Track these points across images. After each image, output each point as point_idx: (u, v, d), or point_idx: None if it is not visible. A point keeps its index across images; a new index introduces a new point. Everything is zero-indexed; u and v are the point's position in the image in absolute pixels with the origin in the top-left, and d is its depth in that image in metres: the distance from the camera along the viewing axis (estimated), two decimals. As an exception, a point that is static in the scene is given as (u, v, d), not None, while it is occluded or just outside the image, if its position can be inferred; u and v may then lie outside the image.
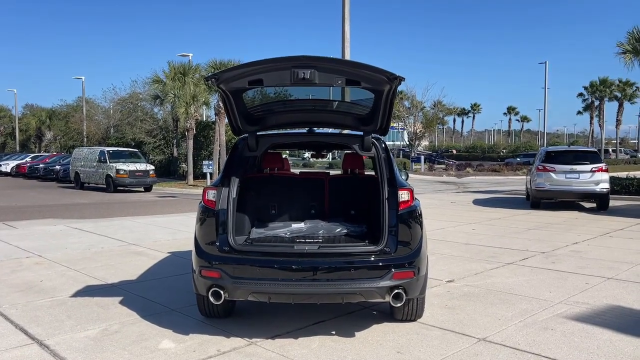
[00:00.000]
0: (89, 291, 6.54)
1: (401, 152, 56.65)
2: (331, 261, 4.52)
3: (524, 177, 35.00)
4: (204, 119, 36.18)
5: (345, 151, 6.70)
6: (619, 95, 64.91)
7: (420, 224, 4.85)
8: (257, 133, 5.14)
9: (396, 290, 4.50)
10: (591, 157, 15.84)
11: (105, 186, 25.62)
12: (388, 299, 4.53)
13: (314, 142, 6.05)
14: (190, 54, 31.55)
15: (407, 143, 46.10)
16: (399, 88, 4.91)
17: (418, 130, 45.46)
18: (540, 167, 15.88)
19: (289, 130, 5.62)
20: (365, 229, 5.35)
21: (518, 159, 52.65)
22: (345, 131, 5.96)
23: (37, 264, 8.22)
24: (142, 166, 26.07)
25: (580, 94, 67.12)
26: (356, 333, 4.96)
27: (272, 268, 4.51)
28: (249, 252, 4.63)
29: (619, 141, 73.17)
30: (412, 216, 4.76)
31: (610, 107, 65.78)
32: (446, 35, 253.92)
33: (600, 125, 67.07)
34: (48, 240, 10.40)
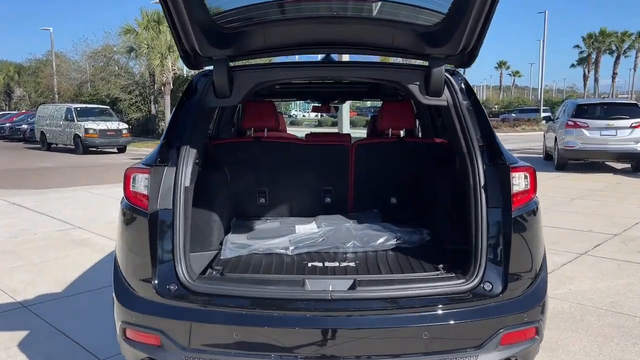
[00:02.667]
0: (-18, 319, 4.26)
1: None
2: (382, 318, 2.26)
3: (524, 133, 32.95)
4: (184, 74, 33.32)
5: (382, 99, 4.39)
6: (614, 47, 63.32)
7: (541, 234, 2.62)
8: (231, 63, 2.78)
9: None
10: (630, 111, 13.49)
11: (73, 147, 23.12)
12: None
13: (333, 80, 3.67)
14: (166, 0, 28.31)
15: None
16: None
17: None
18: (570, 123, 13.62)
19: (288, 59, 3.26)
20: (427, 235, 3.08)
21: (513, 115, 50.51)
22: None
23: None
24: (113, 125, 23.48)
25: (577, 46, 65.21)
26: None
27: (264, 328, 2.25)
28: (217, 295, 2.36)
29: (614, 95, 71.45)
30: (532, 221, 2.51)
31: (603, 60, 64.28)
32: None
33: (596, 78, 65.46)
34: (-30, 223, 8.04)
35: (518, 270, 2.45)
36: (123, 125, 23.98)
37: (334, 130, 23.65)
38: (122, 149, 23.60)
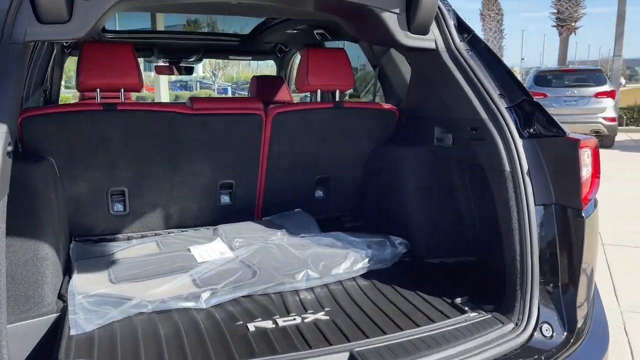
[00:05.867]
0: None
1: (198, 83, 50.61)
2: None
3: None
4: None
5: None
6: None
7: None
8: None
9: None
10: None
11: None
12: None
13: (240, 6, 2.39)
14: None
15: (212, 73, 41.39)
16: None
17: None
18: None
19: None
20: (403, 246, 2.07)
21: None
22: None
23: None
24: None
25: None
26: None
27: None
28: None
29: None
30: (596, 222, 1.69)
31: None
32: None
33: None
34: None
35: (584, 301, 1.62)
36: None
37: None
38: None
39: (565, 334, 1.56)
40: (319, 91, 2.34)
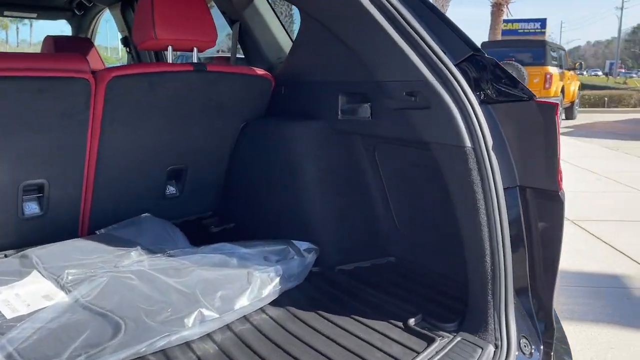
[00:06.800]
0: None
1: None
2: None
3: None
4: None
5: None
6: None
7: None
8: None
9: None
10: None
11: None
12: None
13: None
14: None
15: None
16: None
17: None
18: None
19: None
20: (314, 252, 1.55)
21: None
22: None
23: None
24: None
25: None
26: None
27: None
28: None
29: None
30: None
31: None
32: None
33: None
34: None
35: (552, 303, 1.34)
36: None
37: None
38: None
39: (542, 347, 1.26)
40: (169, 50, 1.68)
